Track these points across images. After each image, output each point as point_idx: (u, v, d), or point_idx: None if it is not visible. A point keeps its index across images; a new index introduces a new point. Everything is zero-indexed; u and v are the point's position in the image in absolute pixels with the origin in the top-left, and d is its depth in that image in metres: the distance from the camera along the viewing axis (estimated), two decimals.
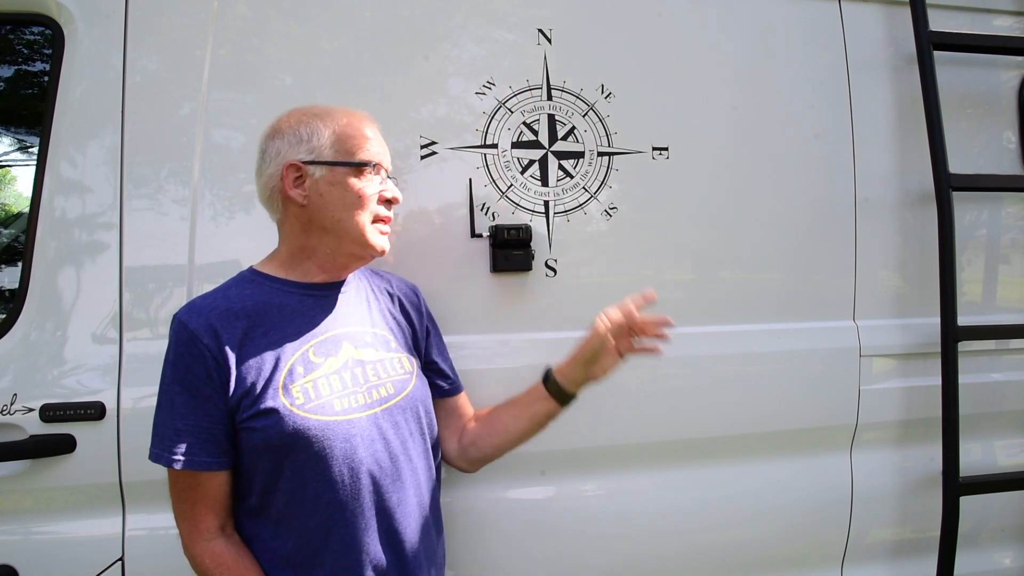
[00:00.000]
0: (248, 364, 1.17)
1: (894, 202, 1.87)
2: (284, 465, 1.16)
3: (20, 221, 1.96)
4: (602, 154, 1.70)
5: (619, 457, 1.71)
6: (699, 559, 1.77)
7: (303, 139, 1.23)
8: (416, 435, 1.31)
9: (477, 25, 1.66)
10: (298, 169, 1.23)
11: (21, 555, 1.41)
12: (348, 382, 1.23)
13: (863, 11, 1.86)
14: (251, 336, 1.19)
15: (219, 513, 1.18)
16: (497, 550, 1.63)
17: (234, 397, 1.16)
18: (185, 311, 1.19)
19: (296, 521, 1.18)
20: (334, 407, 1.20)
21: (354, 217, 1.24)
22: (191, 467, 1.13)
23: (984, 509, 1.91)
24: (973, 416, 1.83)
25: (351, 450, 1.19)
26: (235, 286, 1.26)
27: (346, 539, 1.19)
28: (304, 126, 1.24)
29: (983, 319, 1.92)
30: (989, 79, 1.97)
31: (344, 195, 1.23)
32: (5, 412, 1.39)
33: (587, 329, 1.36)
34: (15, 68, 1.73)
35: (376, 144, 1.28)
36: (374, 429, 1.23)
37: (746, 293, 1.79)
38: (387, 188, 1.29)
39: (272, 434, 1.15)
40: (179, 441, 1.13)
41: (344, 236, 1.25)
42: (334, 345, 1.26)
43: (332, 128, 1.24)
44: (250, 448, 1.17)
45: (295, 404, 1.16)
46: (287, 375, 1.18)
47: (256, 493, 1.19)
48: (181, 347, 1.16)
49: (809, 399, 1.81)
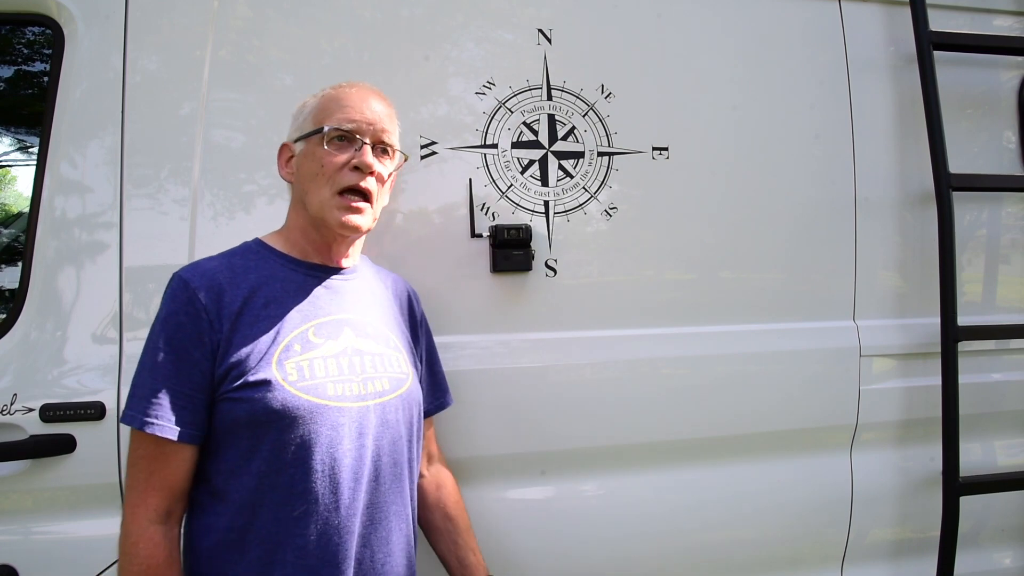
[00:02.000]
0: (245, 332, 1.13)
1: (894, 202, 1.87)
2: (262, 445, 1.10)
3: (20, 221, 1.96)
4: (602, 154, 1.70)
5: (619, 457, 1.71)
6: (699, 559, 1.77)
7: (296, 117, 1.27)
8: (404, 437, 1.25)
9: (477, 25, 1.66)
10: (289, 148, 1.26)
11: (21, 555, 1.41)
12: (345, 368, 1.18)
13: (863, 11, 1.86)
14: (251, 305, 1.15)
15: (172, 494, 1.11)
16: (497, 550, 1.63)
17: (224, 365, 1.11)
18: (188, 269, 1.16)
19: (264, 509, 1.11)
20: (327, 391, 1.14)
21: (317, 188, 1.19)
22: (162, 433, 1.07)
23: (984, 509, 1.91)
24: (973, 416, 1.82)
25: (337, 439, 1.13)
26: (240, 254, 1.23)
27: (316, 534, 1.12)
28: (303, 107, 1.27)
29: (983, 319, 1.92)
30: (989, 79, 1.97)
31: (310, 166, 1.20)
32: (5, 412, 1.38)
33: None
34: (15, 68, 1.73)
35: (354, 112, 1.20)
36: (363, 422, 1.17)
37: (746, 293, 1.79)
38: (356, 156, 1.19)
39: (258, 407, 1.09)
40: (155, 403, 1.08)
41: (311, 210, 1.21)
42: (336, 328, 1.21)
43: (317, 100, 1.24)
44: (230, 421, 1.11)
45: (287, 379, 1.11)
46: (283, 350, 1.14)
47: (223, 473, 1.12)
48: (177, 305, 1.12)
49: (809, 399, 1.81)
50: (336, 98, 1.23)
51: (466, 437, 1.60)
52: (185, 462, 1.12)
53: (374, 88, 1.29)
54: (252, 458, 1.11)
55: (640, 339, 1.70)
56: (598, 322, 1.69)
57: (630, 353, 1.69)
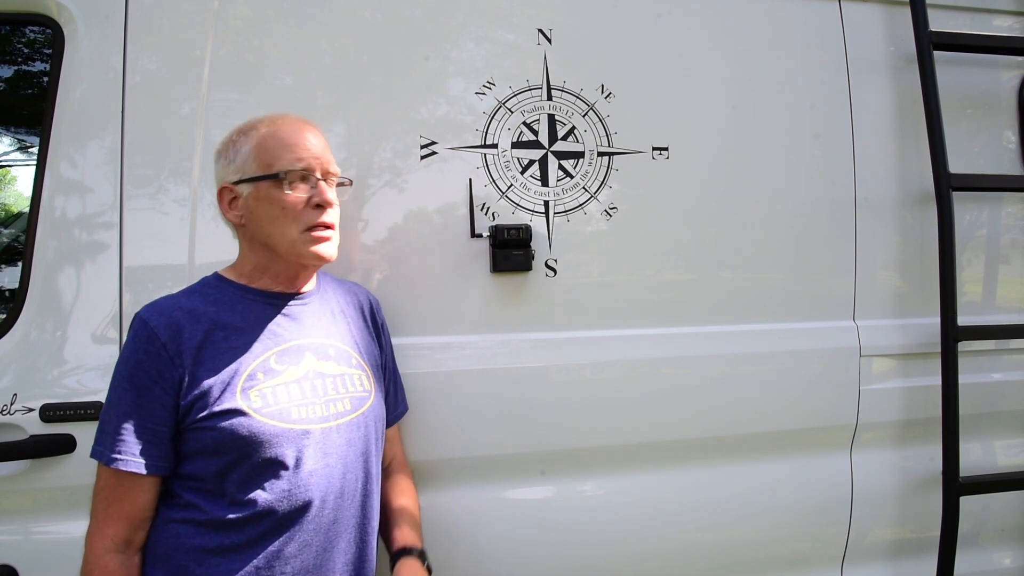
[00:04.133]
0: (207, 366, 1.16)
1: (894, 202, 1.87)
2: (232, 470, 1.15)
3: (20, 221, 1.96)
4: (602, 154, 1.70)
5: (619, 457, 1.71)
6: (699, 559, 1.77)
7: (231, 159, 1.24)
8: (366, 454, 1.30)
9: (477, 25, 1.66)
10: (231, 191, 1.23)
11: (21, 555, 1.41)
12: (308, 392, 1.23)
13: (863, 11, 1.86)
14: (212, 339, 1.18)
15: (131, 523, 1.15)
16: (497, 550, 1.63)
17: (188, 398, 1.14)
18: (147, 309, 1.19)
19: (234, 529, 1.15)
20: (291, 415, 1.19)
21: (282, 230, 1.22)
22: (127, 467, 1.12)
23: (984, 509, 1.91)
24: (973, 416, 1.82)
25: (302, 460, 1.18)
26: (199, 289, 1.26)
27: (282, 550, 1.17)
28: (232, 146, 1.24)
29: (983, 319, 1.92)
30: (989, 79, 1.96)
31: (269, 209, 1.21)
32: (5, 412, 1.38)
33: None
34: (15, 68, 1.73)
35: (300, 150, 1.22)
36: (327, 442, 1.22)
37: (746, 293, 1.79)
38: (316, 193, 1.23)
39: (225, 435, 1.14)
40: (120, 440, 1.12)
41: (278, 250, 1.24)
42: (297, 355, 1.25)
43: (253, 142, 1.23)
44: (198, 449, 1.15)
45: (252, 407, 1.16)
46: (247, 379, 1.18)
47: (194, 491, 1.17)
48: (137, 343, 1.15)
49: (809, 399, 1.80)
50: (276, 136, 1.23)
51: (466, 437, 1.61)
52: (146, 492, 1.16)
53: (299, 117, 1.29)
54: (223, 481, 1.15)
55: (640, 339, 1.70)
56: (598, 322, 1.69)
57: (630, 353, 1.69)
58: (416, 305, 1.60)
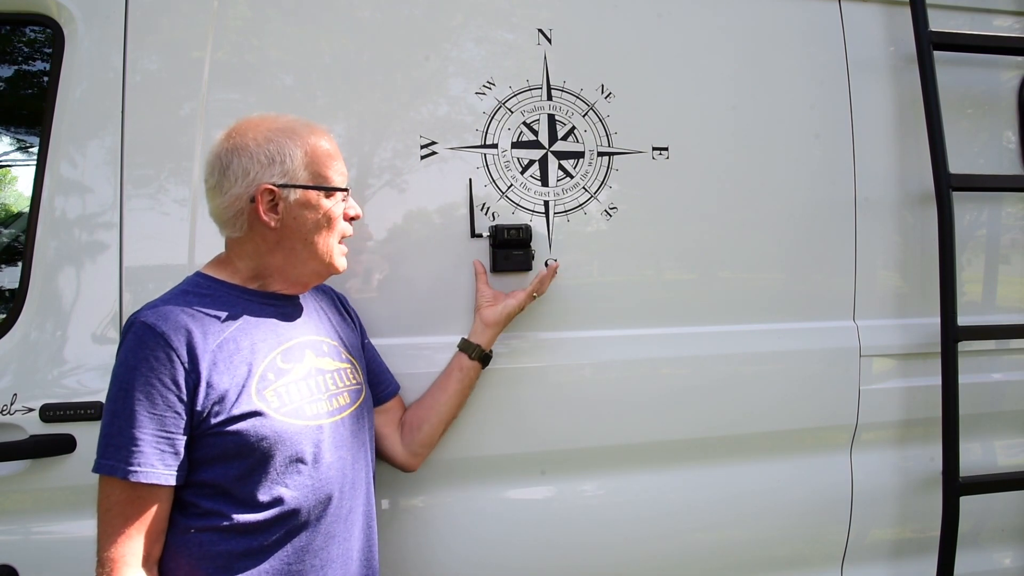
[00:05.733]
0: (219, 370, 1.14)
1: (894, 202, 1.87)
2: (253, 472, 1.14)
3: (20, 221, 1.96)
4: (602, 154, 1.70)
5: (619, 457, 1.71)
6: (699, 559, 1.77)
7: (275, 160, 1.18)
8: (366, 444, 1.36)
9: (477, 25, 1.66)
10: (272, 193, 1.19)
11: (21, 555, 1.41)
12: (313, 389, 1.25)
13: (863, 11, 1.86)
14: (222, 342, 1.17)
15: (150, 538, 1.10)
16: (497, 550, 1.63)
17: (205, 404, 1.12)
18: (149, 314, 1.14)
19: (262, 530, 1.15)
20: (305, 412, 1.21)
21: (325, 239, 1.26)
22: (148, 479, 1.07)
23: (984, 509, 1.91)
24: (973, 416, 1.82)
25: (320, 456, 1.21)
26: (193, 291, 1.22)
27: (310, 544, 1.20)
28: (273, 144, 1.19)
29: (983, 319, 1.92)
30: (989, 79, 1.97)
31: (317, 218, 1.23)
32: (5, 412, 1.38)
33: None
34: (15, 68, 1.74)
35: (342, 163, 1.29)
36: (337, 436, 1.26)
37: (746, 293, 1.79)
38: (351, 206, 1.31)
39: (249, 437, 1.13)
40: (138, 451, 1.07)
41: (311, 257, 1.26)
42: (299, 352, 1.27)
43: (303, 148, 1.21)
44: (217, 455, 1.13)
45: (270, 408, 1.16)
46: (259, 380, 1.18)
47: (212, 497, 1.15)
48: (147, 351, 1.10)
49: (809, 399, 1.81)
50: (323, 147, 1.25)
51: (466, 437, 1.61)
52: (164, 503, 1.12)
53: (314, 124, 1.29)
54: (244, 484, 1.15)
55: (640, 339, 1.70)
56: (598, 322, 1.69)
57: (630, 353, 1.69)
58: (416, 305, 1.61)
